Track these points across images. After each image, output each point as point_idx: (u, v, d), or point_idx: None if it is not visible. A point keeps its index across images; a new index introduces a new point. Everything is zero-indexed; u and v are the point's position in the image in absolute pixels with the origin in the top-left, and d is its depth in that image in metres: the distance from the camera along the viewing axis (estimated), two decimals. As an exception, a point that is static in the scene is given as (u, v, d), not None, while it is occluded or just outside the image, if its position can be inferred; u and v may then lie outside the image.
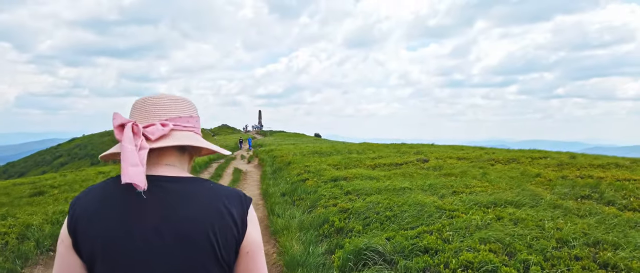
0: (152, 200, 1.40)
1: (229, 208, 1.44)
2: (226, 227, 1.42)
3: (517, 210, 5.99)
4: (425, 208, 6.10)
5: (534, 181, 9.03)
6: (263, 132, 69.33)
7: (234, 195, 1.49)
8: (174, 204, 1.41)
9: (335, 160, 15.40)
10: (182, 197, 1.42)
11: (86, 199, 1.44)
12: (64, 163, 79.46)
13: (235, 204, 1.47)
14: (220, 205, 1.43)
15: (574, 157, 14.34)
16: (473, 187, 8.05)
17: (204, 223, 1.40)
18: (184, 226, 1.38)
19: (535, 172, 10.25)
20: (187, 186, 1.44)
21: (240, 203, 1.48)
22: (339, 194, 8.38)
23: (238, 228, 1.45)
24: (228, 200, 1.46)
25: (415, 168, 11.88)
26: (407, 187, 8.15)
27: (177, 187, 1.43)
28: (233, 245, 1.45)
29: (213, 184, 1.50)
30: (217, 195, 1.45)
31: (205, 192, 1.45)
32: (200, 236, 1.38)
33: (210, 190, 1.46)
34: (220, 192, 1.47)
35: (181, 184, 1.44)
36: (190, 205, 1.41)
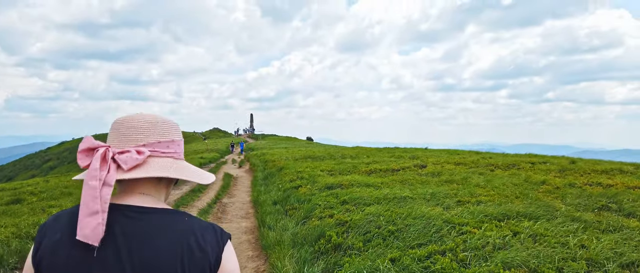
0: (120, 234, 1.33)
1: (202, 244, 1.37)
2: (196, 263, 1.35)
3: (532, 224, 5.40)
4: (431, 221, 5.48)
5: (540, 189, 8.47)
6: (255, 136, 68.52)
7: (209, 230, 1.41)
8: (143, 238, 1.33)
9: (329, 165, 14.76)
10: (153, 230, 1.34)
11: (54, 227, 1.37)
12: (54, 167, 78.08)
13: (209, 240, 1.39)
14: (191, 240, 1.36)
15: (574, 162, 13.84)
16: (479, 195, 7.46)
17: (173, 260, 1.32)
18: (151, 261, 1.31)
19: (539, 179, 9.69)
20: (159, 218, 1.37)
21: (216, 239, 1.41)
22: (334, 204, 7.75)
23: (210, 263, 1.37)
24: (202, 235, 1.38)
25: (413, 174, 11.28)
26: (408, 196, 7.53)
27: (147, 220, 1.36)
28: None
29: (188, 218, 1.41)
30: (191, 230, 1.37)
31: (178, 225, 1.37)
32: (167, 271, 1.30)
33: (184, 223, 1.38)
34: (194, 226, 1.38)
35: (152, 216, 1.37)
36: (160, 239, 1.33)
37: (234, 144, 40.37)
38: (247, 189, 14.52)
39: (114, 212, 1.35)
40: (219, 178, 17.64)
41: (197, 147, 42.80)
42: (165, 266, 1.31)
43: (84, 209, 1.28)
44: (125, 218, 1.34)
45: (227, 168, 23.26)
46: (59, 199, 12.22)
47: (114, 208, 1.35)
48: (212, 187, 15.09)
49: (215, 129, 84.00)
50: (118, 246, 1.31)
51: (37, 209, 10.11)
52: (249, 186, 15.18)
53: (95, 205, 1.28)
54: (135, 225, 1.34)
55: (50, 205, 10.66)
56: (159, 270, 1.31)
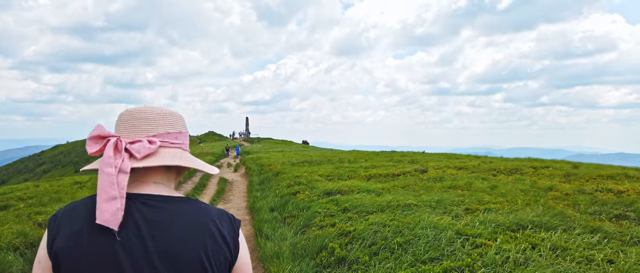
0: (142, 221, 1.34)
1: (221, 229, 1.41)
2: (219, 249, 1.39)
3: (550, 235, 5.01)
4: (442, 232, 5.07)
5: (549, 196, 8.09)
6: (250, 139, 67.96)
7: (225, 216, 1.45)
8: (165, 225, 1.35)
9: (326, 170, 14.34)
10: (173, 217, 1.37)
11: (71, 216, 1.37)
12: (47, 170, 77.15)
13: (226, 225, 1.43)
14: (212, 226, 1.40)
15: (576, 166, 13.50)
16: (487, 203, 7.06)
17: (196, 245, 1.35)
18: (175, 248, 1.33)
19: (546, 185, 9.32)
20: (177, 206, 1.39)
21: (231, 225, 1.45)
22: (335, 211, 7.33)
23: (230, 250, 1.42)
24: (219, 220, 1.42)
25: (414, 179, 10.88)
26: (412, 204, 7.13)
27: (167, 207, 1.38)
28: (226, 268, 1.41)
29: (204, 204, 1.45)
30: (209, 216, 1.41)
31: (196, 212, 1.40)
32: (192, 259, 1.34)
33: (201, 210, 1.41)
34: (211, 213, 1.42)
35: (171, 204, 1.39)
36: (182, 227, 1.36)
37: (230, 148, 39.85)
38: (243, 194, 14.07)
39: (133, 201, 1.36)
40: (214, 183, 17.17)
41: (192, 151, 42.21)
42: (189, 251, 1.33)
43: (102, 195, 1.30)
44: (145, 207, 1.36)
45: (222, 172, 22.78)
46: (48, 205, 11.69)
47: (132, 197, 1.37)
48: (206, 192, 14.62)
49: (211, 133, 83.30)
50: (142, 234, 1.33)
51: (23, 216, 9.60)
52: (245, 191, 14.72)
53: (113, 191, 1.29)
54: (156, 212, 1.35)
55: (37, 212, 10.15)
56: (185, 257, 1.33)
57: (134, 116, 1.43)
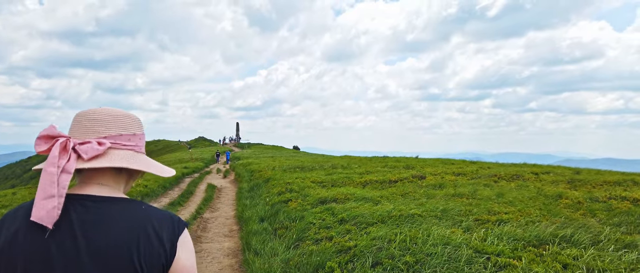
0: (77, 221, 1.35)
1: (158, 231, 1.39)
2: (152, 251, 1.37)
3: (580, 252, 4.34)
4: (458, 250, 4.37)
5: (560, 204, 7.45)
6: (241, 145, 66.96)
7: (166, 218, 1.43)
8: (99, 226, 1.36)
9: (319, 176, 13.60)
10: (109, 218, 1.37)
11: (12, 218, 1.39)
12: (34, 176, 75.49)
13: (165, 227, 1.41)
14: (148, 227, 1.38)
15: (578, 172, 12.94)
16: (498, 213, 6.39)
17: (128, 246, 1.35)
18: (107, 249, 1.34)
19: (554, 192, 8.69)
20: (116, 207, 1.39)
21: (172, 227, 1.42)
22: (331, 222, 6.61)
23: (166, 253, 1.39)
24: (158, 223, 1.41)
25: (413, 186, 10.20)
26: (416, 214, 6.43)
27: (105, 208, 1.38)
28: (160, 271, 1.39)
29: (145, 206, 1.44)
30: (147, 218, 1.40)
31: (135, 213, 1.40)
32: (123, 261, 1.33)
33: (141, 211, 1.41)
34: (150, 215, 1.41)
35: (109, 205, 1.39)
36: (116, 227, 1.36)
37: (220, 153, 38.93)
38: (232, 202, 13.27)
39: (72, 201, 1.37)
40: (202, 190, 16.34)
41: (182, 157, 41.29)
42: (121, 252, 1.33)
43: (40, 193, 1.32)
44: (82, 207, 1.37)
45: (211, 178, 21.93)
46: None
47: (73, 198, 1.38)
48: (193, 200, 13.80)
49: (201, 138, 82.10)
50: (75, 233, 1.34)
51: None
52: (234, 198, 13.93)
53: (52, 189, 1.31)
54: (92, 213, 1.37)
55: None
56: (115, 256, 1.33)
57: (86, 117, 1.43)
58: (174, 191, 15.69)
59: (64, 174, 1.33)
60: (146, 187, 14.37)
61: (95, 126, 1.42)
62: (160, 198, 13.82)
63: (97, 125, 1.42)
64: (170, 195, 14.44)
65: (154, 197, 13.75)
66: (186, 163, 28.91)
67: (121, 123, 1.45)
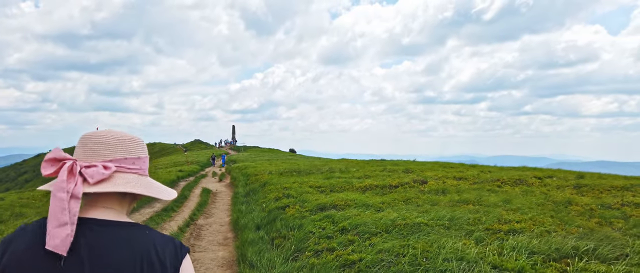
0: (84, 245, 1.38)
1: (161, 257, 1.40)
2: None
3: (606, 267, 3.93)
4: (474, 266, 3.95)
5: (571, 211, 7.05)
6: (237, 148, 66.36)
7: (169, 243, 1.44)
8: (103, 251, 1.39)
9: (317, 180, 13.14)
10: (113, 243, 1.39)
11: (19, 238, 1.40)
12: (29, 179, 74.60)
13: (169, 253, 1.42)
14: (152, 253, 1.40)
15: (582, 176, 12.55)
16: (509, 222, 5.98)
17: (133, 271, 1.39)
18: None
19: (562, 198, 8.30)
20: (120, 232, 1.40)
21: (175, 253, 1.44)
22: (332, 231, 6.18)
23: None
24: (162, 248, 1.41)
25: (414, 192, 9.77)
26: (422, 223, 6.00)
27: (110, 232, 1.40)
28: None
29: (149, 231, 1.45)
30: (152, 242, 1.41)
31: (138, 239, 1.40)
32: None
33: (145, 236, 1.42)
34: (154, 240, 1.42)
35: (115, 229, 1.41)
36: (121, 251, 1.39)
37: (215, 156, 38.41)
38: (227, 207, 12.81)
39: (80, 225, 1.40)
40: (197, 194, 15.86)
41: (177, 159, 40.72)
42: None
43: (53, 221, 1.38)
44: (89, 231, 1.39)
45: (206, 182, 21.44)
46: (7, 222, 10.32)
47: (80, 221, 1.40)
48: (187, 205, 13.33)
49: (197, 141, 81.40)
50: (82, 258, 1.38)
51: (-28, 235, 8.25)
52: (229, 203, 13.46)
53: (64, 217, 1.38)
54: (98, 237, 1.39)
55: (-9, 230, 8.81)
56: None
57: (92, 140, 1.44)
58: (168, 196, 15.20)
59: (73, 200, 1.37)
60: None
61: (101, 149, 1.43)
62: (154, 203, 13.33)
63: (103, 149, 1.43)
64: (163, 202, 13.96)
65: (148, 203, 13.26)
66: (181, 167, 28.37)
67: (126, 147, 1.46)
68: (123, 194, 1.47)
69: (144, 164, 1.52)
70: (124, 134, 1.48)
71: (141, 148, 1.52)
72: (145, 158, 1.53)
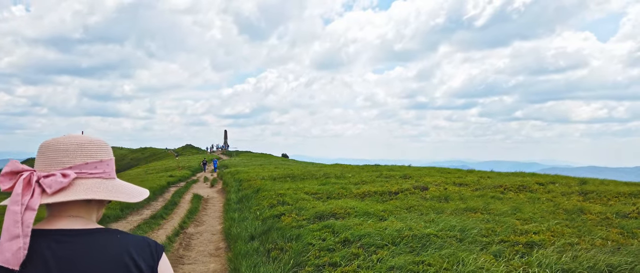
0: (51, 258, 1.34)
1: (136, 260, 1.36)
2: None
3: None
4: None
5: (588, 220, 6.57)
6: (229, 152, 65.54)
7: (143, 244, 1.38)
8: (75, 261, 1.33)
9: (312, 186, 12.59)
10: (84, 252, 1.34)
11: None
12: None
13: (144, 254, 1.37)
14: (126, 257, 1.36)
15: (585, 182, 12.14)
16: (526, 233, 5.48)
17: None
18: None
19: (572, 205, 7.83)
20: (91, 240, 1.36)
21: (150, 253, 1.38)
22: (333, 243, 5.63)
23: None
24: (136, 250, 1.37)
25: (416, 199, 9.26)
26: (431, 234, 5.48)
27: (80, 242, 1.35)
28: None
29: (121, 235, 1.37)
30: (125, 247, 1.36)
31: (111, 244, 1.36)
32: None
33: (117, 241, 1.37)
34: (128, 242, 1.37)
35: (84, 238, 1.36)
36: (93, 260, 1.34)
37: (207, 161, 37.68)
38: (219, 214, 12.20)
39: (44, 237, 1.35)
40: (187, 200, 15.23)
41: (168, 165, 39.94)
42: None
43: (5, 234, 1.33)
44: (55, 243, 1.34)
45: (197, 187, 20.79)
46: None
47: (44, 233, 1.35)
48: (177, 212, 12.69)
49: (188, 146, 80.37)
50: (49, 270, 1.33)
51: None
52: (221, 210, 12.85)
53: (16, 230, 1.33)
54: (67, 248, 1.34)
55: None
56: None
57: (50, 148, 1.37)
58: (158, 202, 14.56)
59: (28, 212, 1.33)
60: (127, 198, 13.23)
61: (59, 157, 1.37)
62: (142, 210, 12.69)
63: (62, 156, 1.37)
64: (153, 207, 13.31)
65: (135, 210, 12.62)
66: (172, 172, 27.68)
67: (86, 151, 1.38)
68: (88, 201, 1.38)
69: (108, 167, 1.41)
70: (84, 138, 1.39)
71: (104, 151, 1.41)
72: (109, 160, 1.41)
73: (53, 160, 1.36)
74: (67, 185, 1.35)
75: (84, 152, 1.37)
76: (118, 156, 39.22)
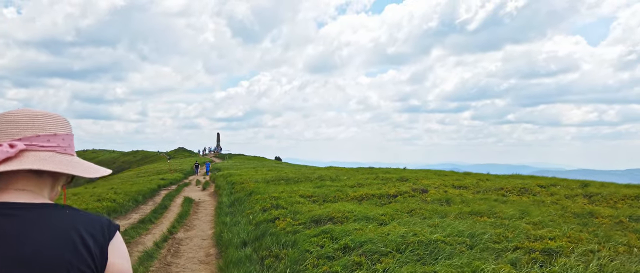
0: None
1: (85, 237, 1.28)
2: (79, 259, 1.27)
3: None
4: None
5: (602, 225, 6.18)
6: (221, 155, 64.80)
7: (95, 222, 1.29)
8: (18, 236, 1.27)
9: (307, 189, 12.11)
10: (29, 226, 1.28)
11: None
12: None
13: (94, 232, 1.29)
14: (73, 234, 1.28)
15: (586, 184, 11.80)
16: (541, 239, 5.06)
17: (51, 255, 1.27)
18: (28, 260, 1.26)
19: (580, 209, 7.45)
20: (37, 214, 1.29)
21: (101, 231, 1.29)
22: (332, 250, 5.17)
23: (95, 260, 1.28)
24: (85, 228, 1.28)
25: (416, 202, 8.83)
26: (439, 240, 5.04)
27: (25, 216, 1.28)
28: None
29: (70, 210, 1.30)
30: (72, 223, 1.29)
31: (58, 219, 1.29)
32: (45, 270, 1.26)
33: (65, 217, 1.29)
34: (76, 219, 1.29)
35: (31, 212, 1.29)
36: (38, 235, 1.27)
37: (199, 164, 37.01)
38: (210, 218, 11.68)
39: None
40: (178, 204, 14.67)
41: (160, 167, 39.25)
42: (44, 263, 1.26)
43: None
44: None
45: (189, 190, 20.21)
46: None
47: None
48: (166, 216, 12.15)
49: (181, 149, 79.41)
50: None
51: None
52: (213, 214, 12.32)
53: None
54: (10, 222, 1.28)
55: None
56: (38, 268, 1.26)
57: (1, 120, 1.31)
58: (147, 205, 14.00)
59: None
60: (114, 201, 12.66)
61: (9, 128, 1.30)
62: (130, 214, 12.15)
63: (11, 128, 1.30)
64: (142, 211, 12.76)
65: (123, 213, 12.08)
66: (164, 175, 27.06)
67: (38, 123, 1.31)
68: (39, 175, 1.30)
69: (64, 142, 1.34)
70: (37, 111, 1.32)
71: (59, 125, 1.34)
72: (64, 135, 1.34)
73: (2, 131, 1.29)
74: (14, 155, 1.28)
75: (35, 124, 1.30)
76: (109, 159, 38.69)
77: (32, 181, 1.30)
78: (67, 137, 1.36)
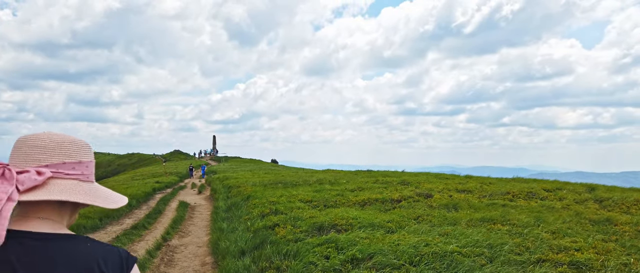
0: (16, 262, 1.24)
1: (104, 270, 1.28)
2: None
3: None
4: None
5: (625, 233, 5.78)
6: (217, 158, 64.17)
7: (114, 256, 1.29)
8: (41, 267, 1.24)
9: (306, 193, 11.65)
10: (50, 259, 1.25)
11: None
12: None
13: (113, 266, 1.28)
14: (94, 266, 1.28)
15: (593, 188, 11.44)
16: (566, 249, 4.64)
17: None
18: None
19: (595, 215, 7.04)
20: (58, 245, 1.27)
21: (120, 265, 1.29)
22: (340, 262, 4.73)
23: None
24: (105, 261, 1.28)
25: (422, 207, 8.41)
26: (455, 251, 4.61)
27: (47, 247, 1.26)
28: None
29: (90, 243, 1.29)
30: (92, 256, 1.28)
31: (79, 252, 1.27)
32: None
33: (85, 249, 1.28)
34: (97, 252, 1.28)
35: (51, 243, 1.27)
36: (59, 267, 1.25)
37: (194, 167, 36.42)
38: (206, 224, 11.19)
39: (12, 239, 1.26)
40: (173, 208, 14.16)
41: (156, 170, 38.66)
42: None
43: None
44: (20, 246, 1.25)
45: (184, 194, 19.69)
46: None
47: (11, 235, 1.26)
48: (161, 221, 11.65)
49: (177, 151, 78.71)
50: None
51: None
52: (208, 219, 11.83)
53: None
54: (32, 253, 1.25)
55: None
56: None
57: (27, 144, 1.28)
58: (141, 210, 13.48)
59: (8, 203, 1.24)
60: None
61: (35, 153, 1.28)
62: (123, 219, 11.64)
63: (38, 153, 1.28)
64: (135, 215, 12.26)
65: (116, 218, 11.57)
66: (159, 178, 26.51)
67: (65, 150, 1.29)
68: (62, 203, 1.29)
69: (87, 169, 1.31)
70: (64, 136, 1.30)
71: (83, 152, 1.31)
72: (88, 162, 1.31)
73: (28, 156, 1.27)
74: (41, 183, 1.26)
75: (62, 150, 1.29)
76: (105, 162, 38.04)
77: (54, 210, 1.29)
78: (90, 164, 1.32)
